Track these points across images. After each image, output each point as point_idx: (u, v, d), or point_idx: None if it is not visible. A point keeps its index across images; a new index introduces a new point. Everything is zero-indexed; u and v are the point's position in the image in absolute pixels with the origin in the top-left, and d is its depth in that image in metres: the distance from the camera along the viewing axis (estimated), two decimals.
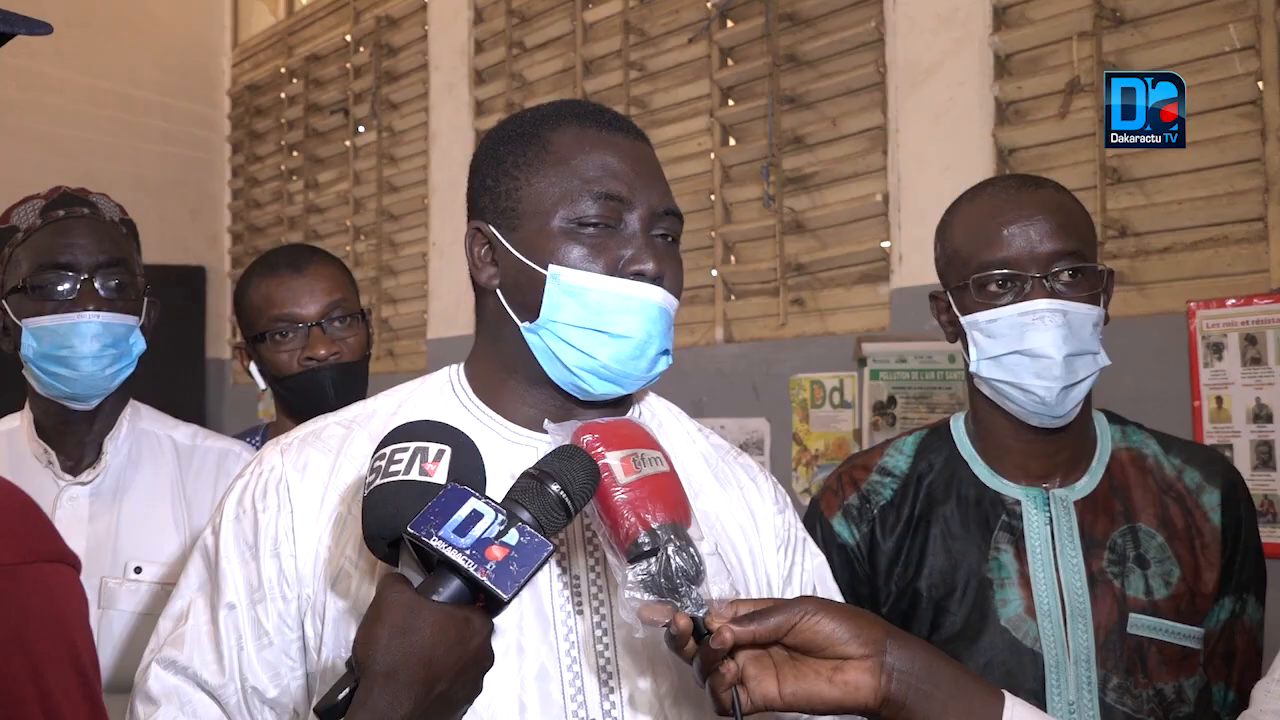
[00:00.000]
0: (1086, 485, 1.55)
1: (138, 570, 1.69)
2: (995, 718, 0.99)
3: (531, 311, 1.17)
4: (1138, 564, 1.51)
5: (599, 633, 1.13)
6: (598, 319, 1.15)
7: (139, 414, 1.83)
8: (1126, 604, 1.48)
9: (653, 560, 0.99)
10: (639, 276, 1.15)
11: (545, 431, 1.19)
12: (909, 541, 1.57)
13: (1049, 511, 1.53)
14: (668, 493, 1.04)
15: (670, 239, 1.22)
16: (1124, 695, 1.46)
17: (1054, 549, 1.51)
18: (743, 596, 1.16)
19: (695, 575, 1.00)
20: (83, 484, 1.72)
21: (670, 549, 0.99)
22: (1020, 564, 1.51)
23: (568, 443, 1.06)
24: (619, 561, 1.02)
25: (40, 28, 0.86)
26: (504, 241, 1.19)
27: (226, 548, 1.16)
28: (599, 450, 1.04)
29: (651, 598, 0.99)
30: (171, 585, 1.68)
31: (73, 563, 0.84)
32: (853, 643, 0.98)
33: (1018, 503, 1.54)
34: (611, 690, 1.12)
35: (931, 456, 1.61)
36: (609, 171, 1.18)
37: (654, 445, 1.08)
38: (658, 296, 1.16)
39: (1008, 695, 1.01)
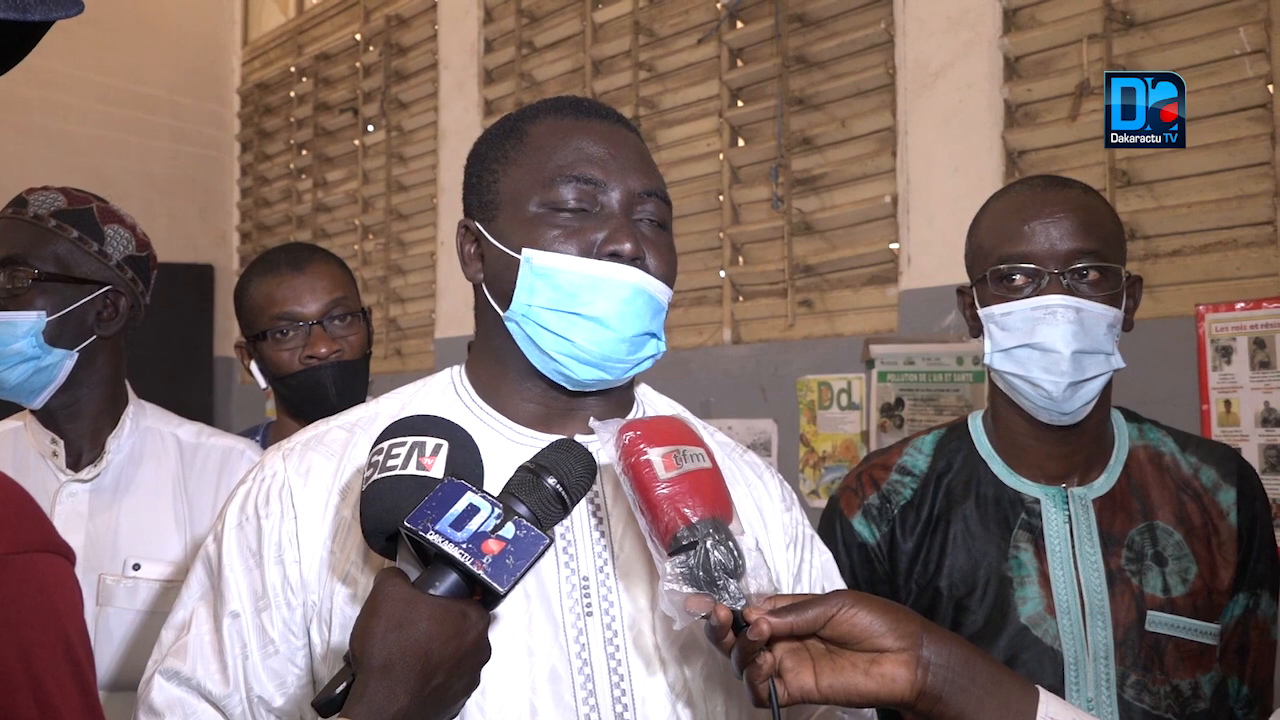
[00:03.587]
0: (1104, 483, 1.56)
1: (136, 567, 1.68)
2: (1030, 712, 0.99)
3: (509, 299, 1.16)
4: (1155, 561, 1.51)
5: (609, 633, 1.12)
6: (570, 301, 1.13)
7: (144, 412, 1.82)
8: (1144, 601, 1.48)
9: (691, 553, 1.00)
10: (615, 258, 1.13)
11: (546, 430, 1.19)
12: (929, 540, 1.57)
13: (1068, 510, 1.53)
14: (708, 488, 1.04)
15: (658, 224, 1.19)
16: (1142, 692, 1.46)
17: (1073, 547, 1.52)
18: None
19: (734, 569, 1.00)
20: (83, 480, 1.71)
21: (709, 543, 1.00)
22: (1040, 562, 1.51)
23: (607, 439, 1.06)
24: (660, 555, 1.02)
25: (64, 8, 0.76)
26: (485, 233, 1.19)
27: (230, 556, 1.14)
28: (640, 447, 1.04)
29: (690, 590, 0.99)
30: (171, 584, 1.67)
31: (66, 554, 0.84)
32: (889, 635, 0.98)
33: (1037, 501, 1.55)
34: (624, 691, 1.11)
35: (950, 455, 1.62)
36: (583, 156, 1.17)
37: (697, 442, 1.08)
38: (633, 277, 1.14)
39: (1042, 690, 1.01)
